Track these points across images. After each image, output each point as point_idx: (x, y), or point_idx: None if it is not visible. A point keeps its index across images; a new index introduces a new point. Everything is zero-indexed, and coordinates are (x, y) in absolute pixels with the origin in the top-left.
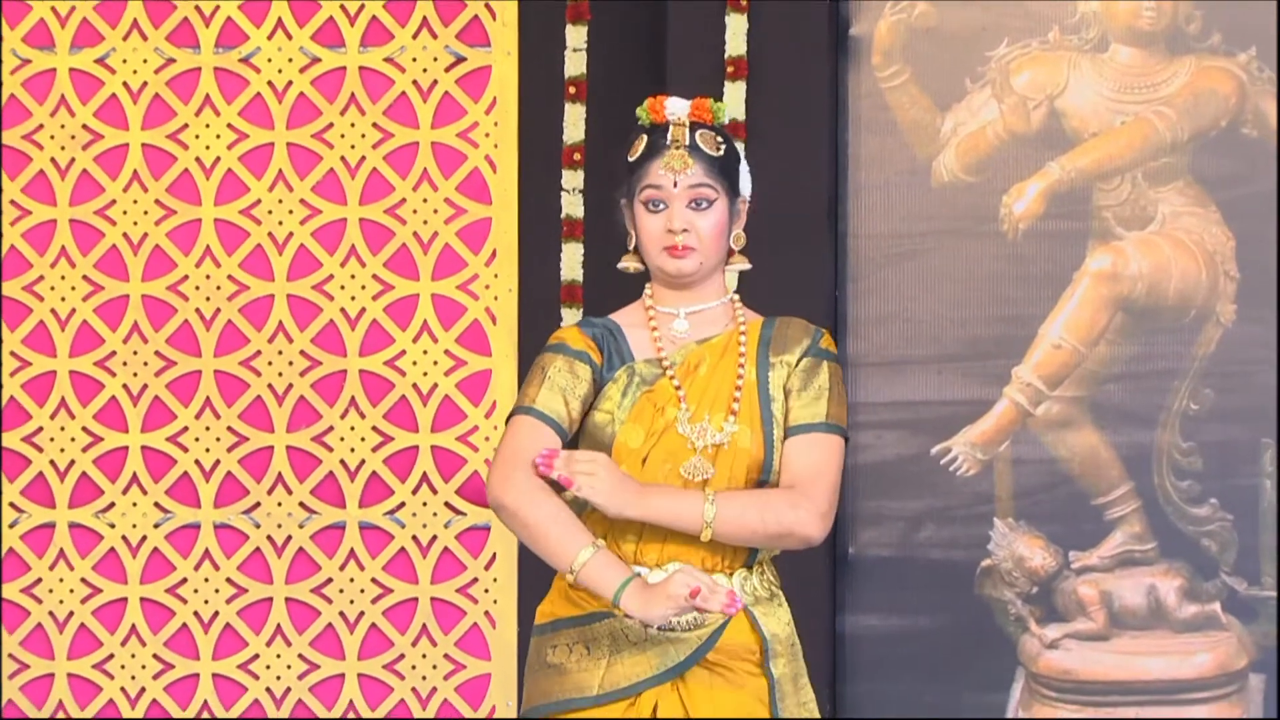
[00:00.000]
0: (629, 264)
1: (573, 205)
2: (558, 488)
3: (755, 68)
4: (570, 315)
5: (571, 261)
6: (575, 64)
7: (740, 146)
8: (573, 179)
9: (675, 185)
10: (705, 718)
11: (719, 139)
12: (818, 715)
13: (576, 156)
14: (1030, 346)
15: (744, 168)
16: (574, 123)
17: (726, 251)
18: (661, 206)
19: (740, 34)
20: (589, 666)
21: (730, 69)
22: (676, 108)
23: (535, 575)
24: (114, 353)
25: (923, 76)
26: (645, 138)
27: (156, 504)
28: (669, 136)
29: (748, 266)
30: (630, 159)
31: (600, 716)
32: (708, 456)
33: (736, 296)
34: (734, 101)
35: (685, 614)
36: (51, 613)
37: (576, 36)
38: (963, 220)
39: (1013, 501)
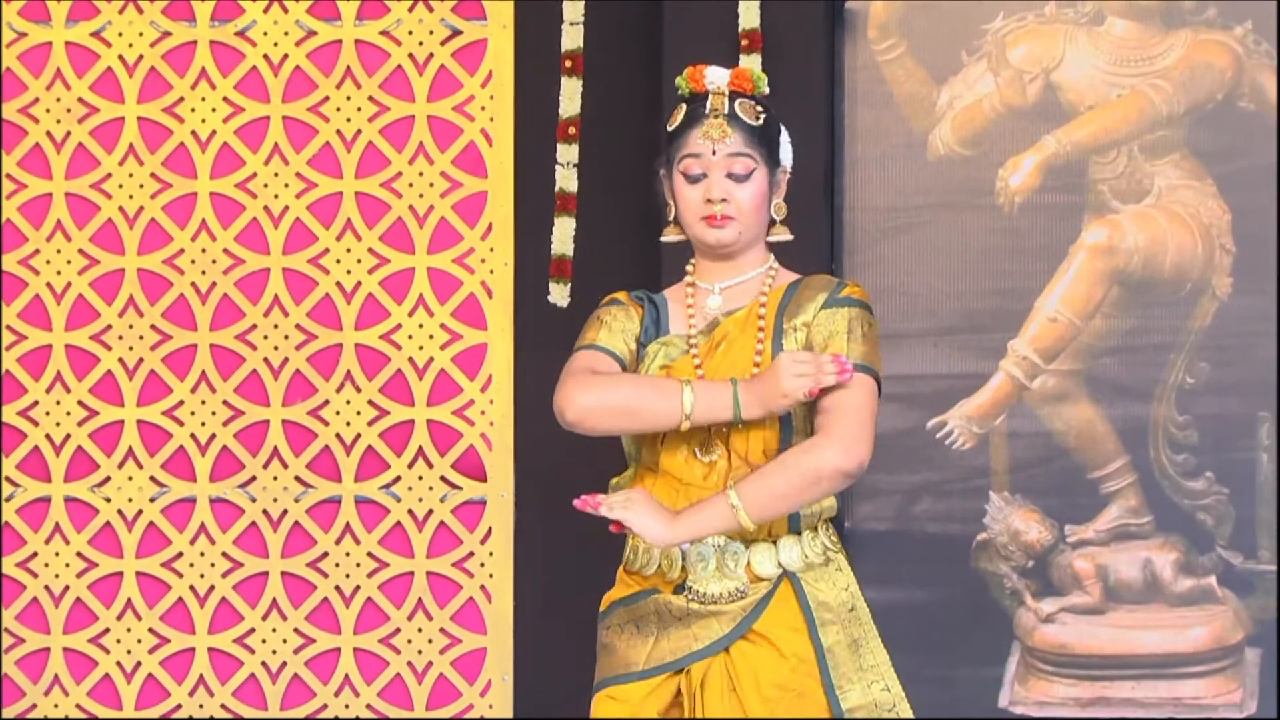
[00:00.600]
0: (670, 235)
1: (566, 179)
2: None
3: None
4: (558, 290)
5: (563, 235)
6: (572, 37)
7: (762, 108)
8: (567, 153)
9: (714, 154)
10: (752, 692)
11: (759, 108)
12: (889, 676)
13: (571, 130)
14: (1026, 320)
15: (785, 138)
16: (570, 96)
17: (767, 222)
18: (700, 175)
19: (754, 7)
20: (637, 644)
21: (745, 42)
22: (716, 76)
23: (531, 549)
24: (110, 326)
25: (919, 50)
26: (684, 107)
27: (152, 478)
28: (708, 105)
29: (789, 238)
30: (669, 129)
31: (644, 690)
32: (720, 436)
33: (775, 264)
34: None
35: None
36: (47, 587)
37: (573, 10)
38: (959, 193)
39: (1008, 475)
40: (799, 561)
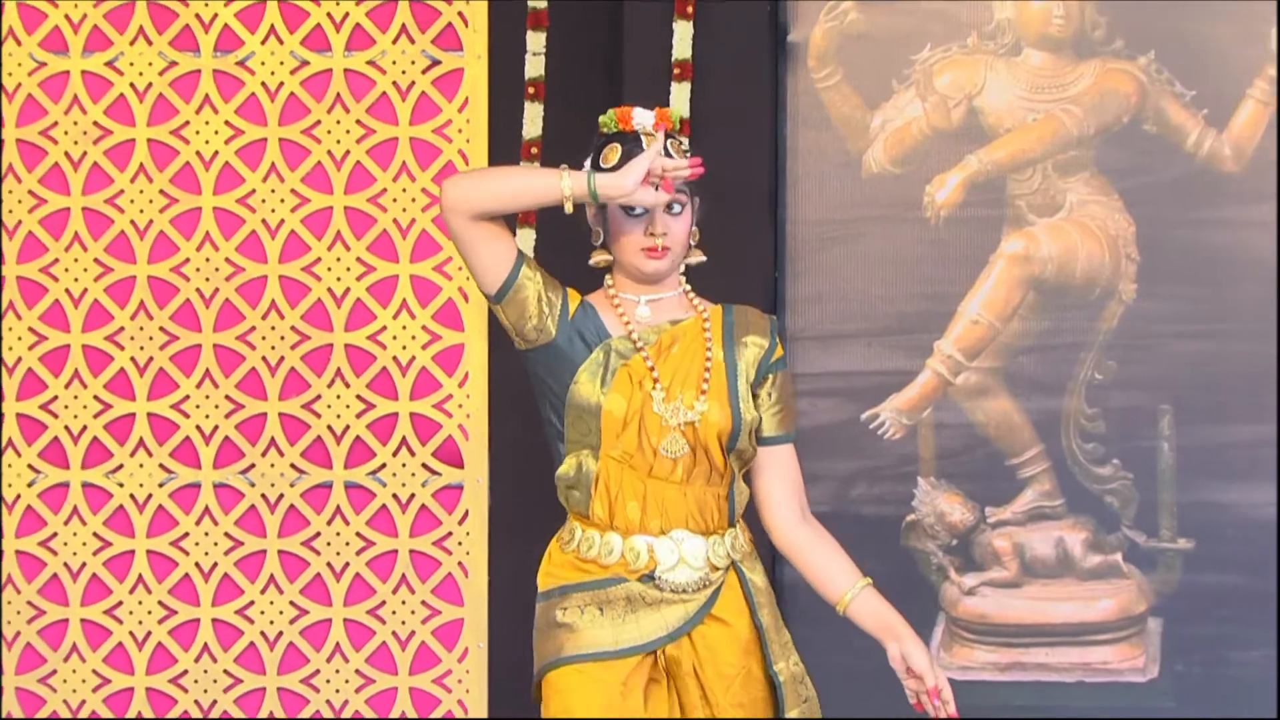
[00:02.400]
0: (600, 259)
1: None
2: None
3: (703, 69)
4: (695, 260)
5: (525, 245)
6: (534, 66)
7: (685, 142)
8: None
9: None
10: (714, 667)
11: (684, 148)
12: (795, 653)
13: (534, 150)
14: (951, 322)
15: None
16: (532, 120)
17: (688, 247)
18: (641, 212)
19: (686, 39)
20: (603, 624)
21: (676, 70)
22: (644, 119)
23: (504, 529)
24: (122, 328)
25: (854, 77)
26: (619, 147)
27: (161, 465)
28: (644, 148)
29: (704, 259)
30: (605, 166)
31: (616, 669)
32: (684, 434)
33: (689, 287)
34: (679, 100)
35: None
36: (66, 564)
37: (535, 42)
38: (890, 208)
39: (935, 462)
40: (740, 551)
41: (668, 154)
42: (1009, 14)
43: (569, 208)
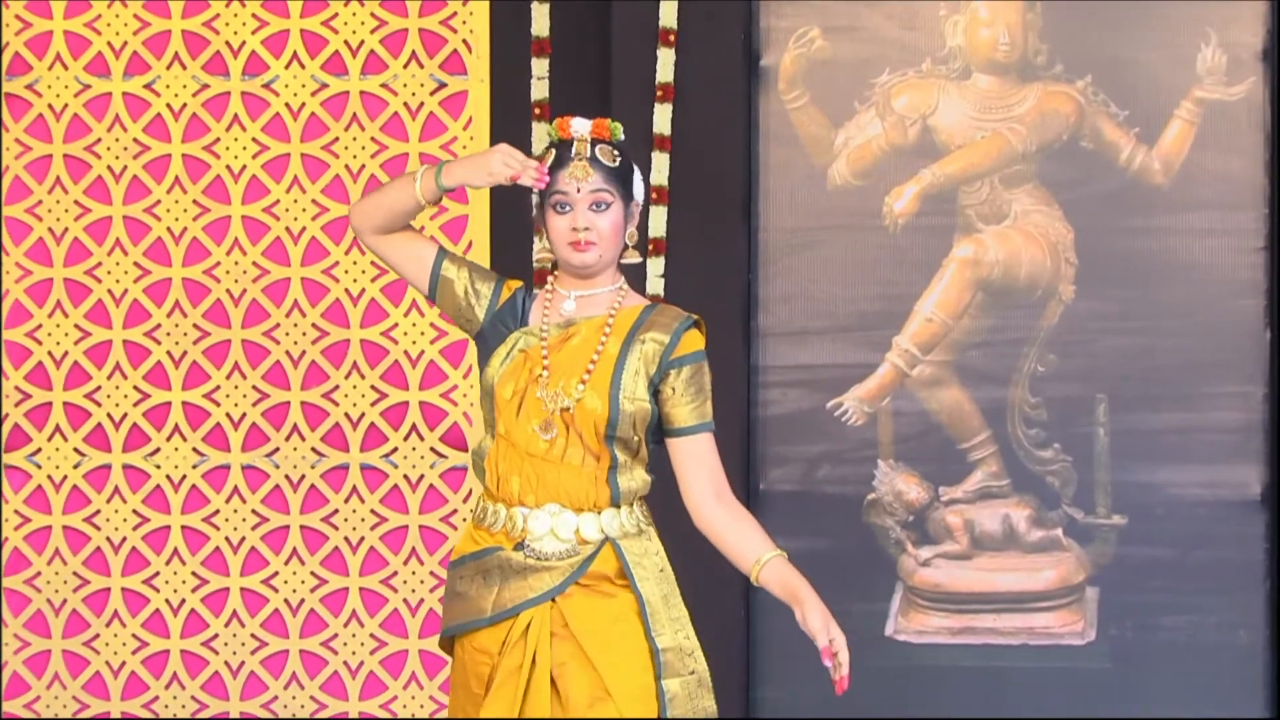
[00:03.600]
0: (541, 255)
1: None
2: None
3: (684, 91)
4: (633, 259)
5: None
6: (539, 89)
7: (665, 158)
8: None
9: (579, 191)
10: (582, 626)
11: (615, 153)
12: (689, 627)
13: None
14: (907, 320)
15: (637, 177)
16: (539, 139)
17: (621, 246)
18: (567, 209)
19: (668, 64)
20: (485, 593)
21: (660, 93)
22: (579, 127)
23: None
24: (159, 325)
25: (820, 99)
26: (554, 152)
27: (194, 449)
28: (573, 150)
29: (638, 260)
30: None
31: (493, 634)
32: (558, 420)
33: (624, 285)
34: (661, 120)
35: (497, 181)
36: (108, 538)
37: (540, 67)
38: (853, 217)
39: (893, 446)
40: (618, 530)
41: (595, 159)
42: (960, 41)
43: (423, 203)
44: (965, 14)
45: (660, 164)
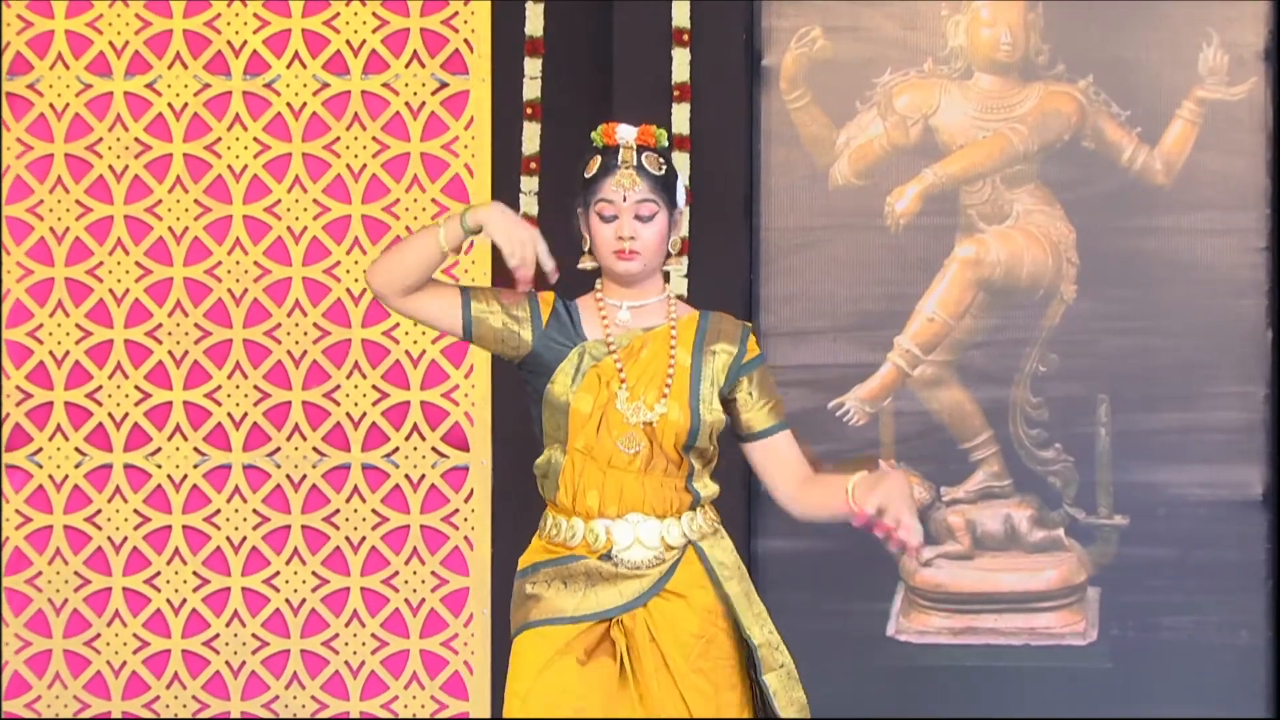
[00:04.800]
0: (586, 263)
1: (529, 205)
2: None
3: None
4: (677, 269)
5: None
6: (532, 89)
7: (686, 157)
8: (529, 183)
9: (625, 200)
10: (668, 639)
11: (661, 160)
12: (770, 622)
13: (533, 165)
14: (909, 320)
15: (680, 184)
16: (530, 138)
17: (665, 254)
18: (612, 217)
19: (684, 65)
20: (565, 596)
21: (676, 93)
22: (626, 134)
23: (506, 506)
24: (160, 324)
25: (821, 99)
26: (599, 158)
27: (196, 448)
28: (619, 158)
29: (682, 267)
30: (586, 176)
31: (573, 629)
32: (641, 431)
33: (673, 294)
34: (679, 120)
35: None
36: (109, 538)
37: (533, 67)
38: (854, 216)
39: (895, 446)
40: (698, 532)
41: (641, 167)
42: (961, 41)
43: (450, 258)
44: (967, 14)
45: (681, 164)
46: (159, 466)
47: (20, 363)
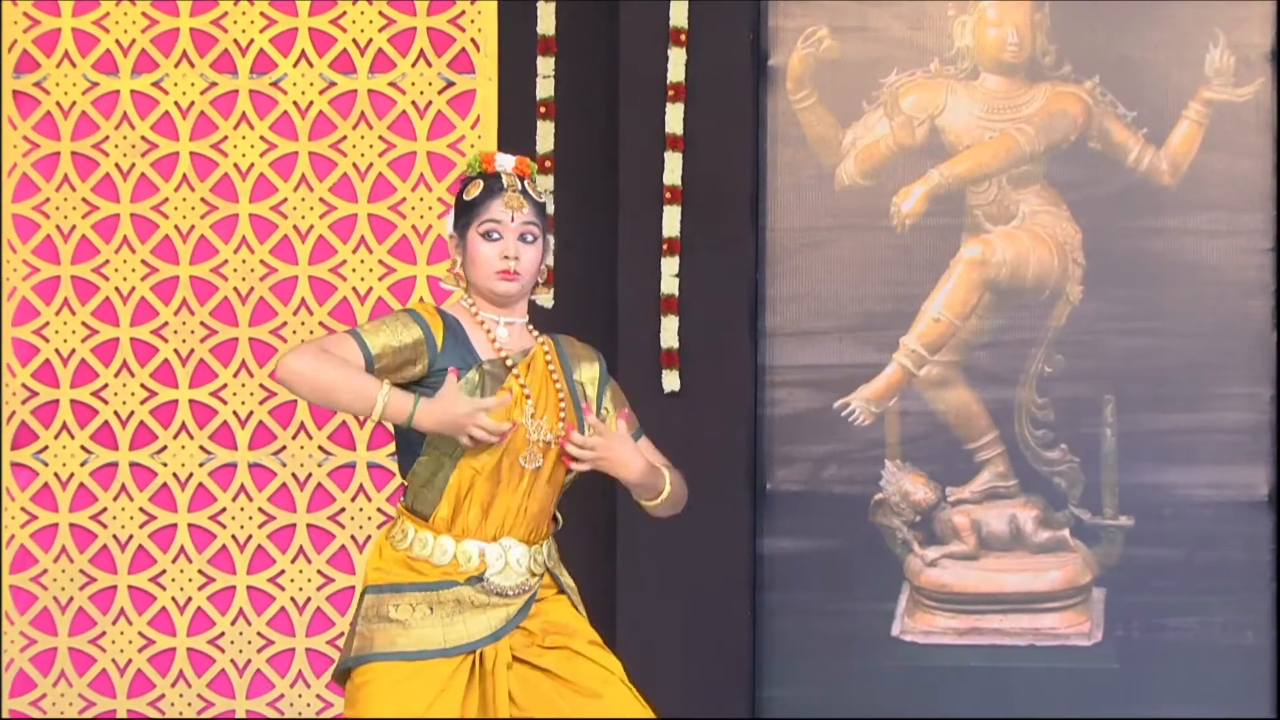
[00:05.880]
0: (450, 283)
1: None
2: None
3: (693, 91)
4: (544, 296)
5: (548, 251)
6: (545, 88)
7: (678, 157)
8: (544, 183)
9: (512, 220)
10: (541, 637)
11: (539, 190)
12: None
13: (547, 164)
14: (915, 320)
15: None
16: (545, 136)
17: (534, 281)
18: (497, 237)
19: (679, 64)
20: (433, 624)
21: (671, 92)
22: (506, 162)
23: None
24: (167, 323)
25: (828, 99)
26: (481, 182)
27: (201, 447)
28: (505, 182)
29: (549, 301)
30: (467, 198)
31: (444, 666)
32: (540, 450)
33: (528, 319)
34: (674, 120)
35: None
36: (115, 536)
37: (545, 66)
38: (860, 217)
39: (900, 446)
40: (554, 559)
41: (526, 192)
42: (968, 42)
43: (373, 421)
44: (973, 14)
45: (674, 163)
46: (165, 465)
47: (26, 361)
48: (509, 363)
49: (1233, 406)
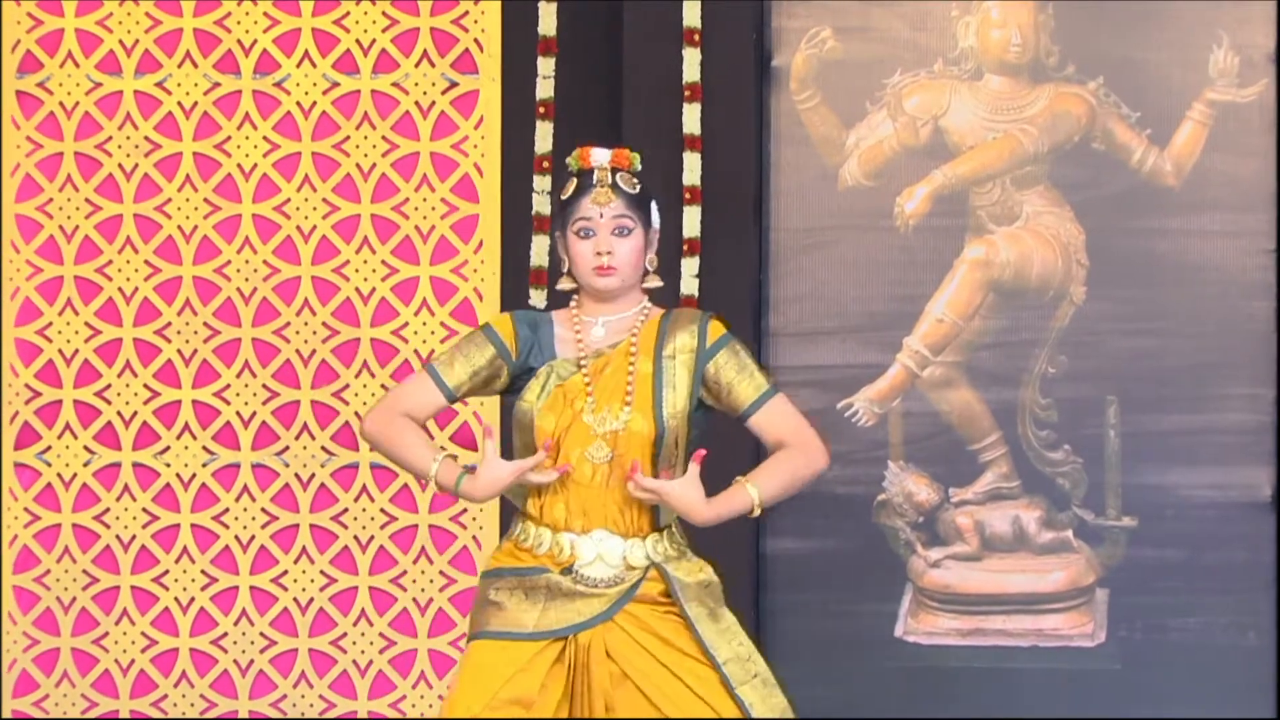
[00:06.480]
0: (565, 284)
1: (541, 204)
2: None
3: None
4: (537, 295)
5: (540, 250)
6: (545, 89)
7: (696, 157)
8: (542, 182)
9: (601, 216)
10: (641, 643)
11: (635, 180)
12: (741, 634)
13: (545, 164)
14: (918, 320)
15: (654, 206)
16: (543, 137)
17: (643, 271)
18: (591, 234)
19: (694, 65)
20: (526, 608)
21: (687, 92)
22: (600, 156)
23: (512, 506)
24: (170, 323)
25: (831, 99)
26: (575, 180)
27: (204, 447)
28: (594, 178)
29: (660, 284)
30: (563, 199)
31: (529, 648)
32: (608, 441)
33: (647, 304)
34: (690, 120)
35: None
36: (118, 536)
37: (546, 66)
38: (864, 217)
39: (903, 447)
40: (662, 554)
41: (616, 185)
42: (971, 42)
43: (431, 488)
44: (977, 15)
45: (692, 164)
46: (168, 465)
47: (29, 361)
48: (582, 361)
49: (1236, 407)
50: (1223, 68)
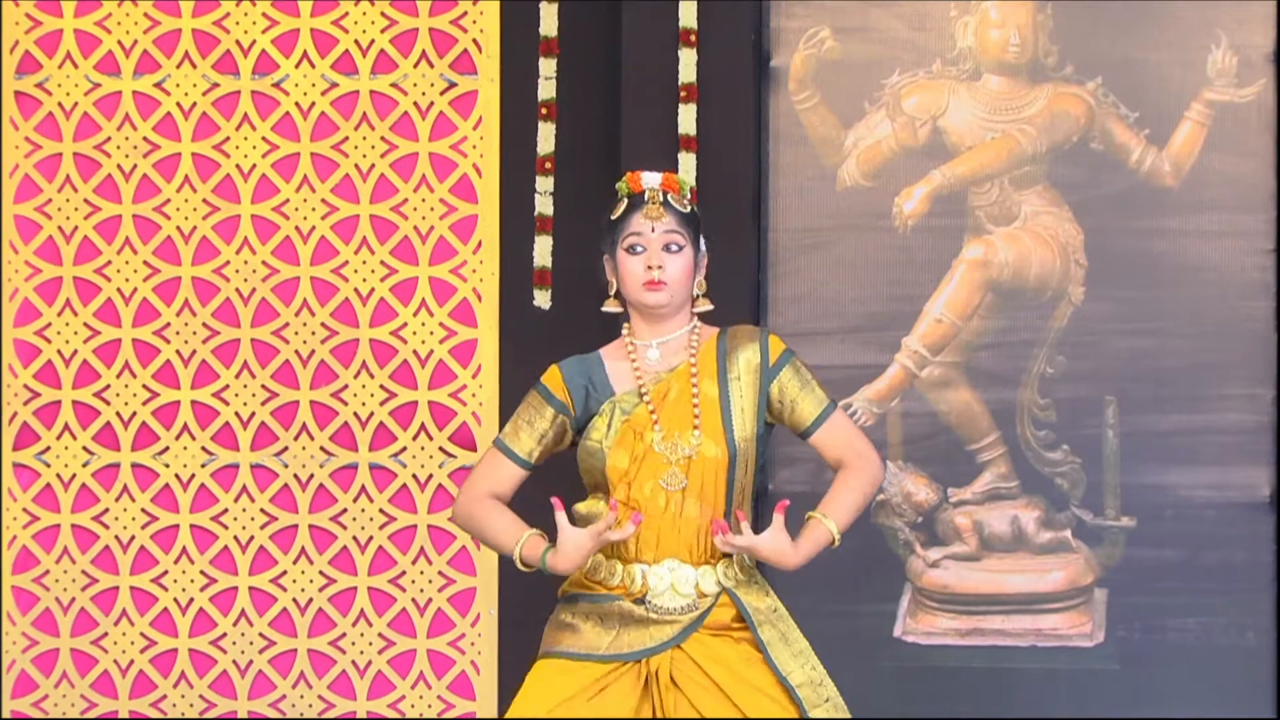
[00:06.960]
0: (610, 306)
1: (544, 205)
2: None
3: (696, 92)
4: (541, 295)
5: (543, 251)
6: (546, 89)
7: (692, 158)
8: (544, 183)
9: (653, 231)
10: (709, 673)
11: (686, 200)
12: (814, 658)
13: (548, 165)
14: (917, 321)
15: (700, 230)
16: (545, 138)
17: (691, 294)
18: (641, 250)
19: (691, 65)
20: (599, 632)
21: (683, 93)
22: (650, 180)
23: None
24: (169, 324)
25: (830, 100)
26: (626, 201)
27: (203, 448)
28: (646, 196)
29: (710, 307)
30: (613, 218)
31: (600, 668)
32: (681, 468)
33: (698, 323)
34: (686, 121)
35: (594, 552)
36: (117, 537)
37: (547, 67)
38: (862, 217)
39: (902, 447)
40: (733, 580)
41: (667, 203)
42: (970, 43)
43: (519, 566)
44: (976, 15)
45: (690, 164)
46: (167, 465)
47: (28, 362)
48: (642, 391)
49: (1234, 407)
50: (1221, 68)
